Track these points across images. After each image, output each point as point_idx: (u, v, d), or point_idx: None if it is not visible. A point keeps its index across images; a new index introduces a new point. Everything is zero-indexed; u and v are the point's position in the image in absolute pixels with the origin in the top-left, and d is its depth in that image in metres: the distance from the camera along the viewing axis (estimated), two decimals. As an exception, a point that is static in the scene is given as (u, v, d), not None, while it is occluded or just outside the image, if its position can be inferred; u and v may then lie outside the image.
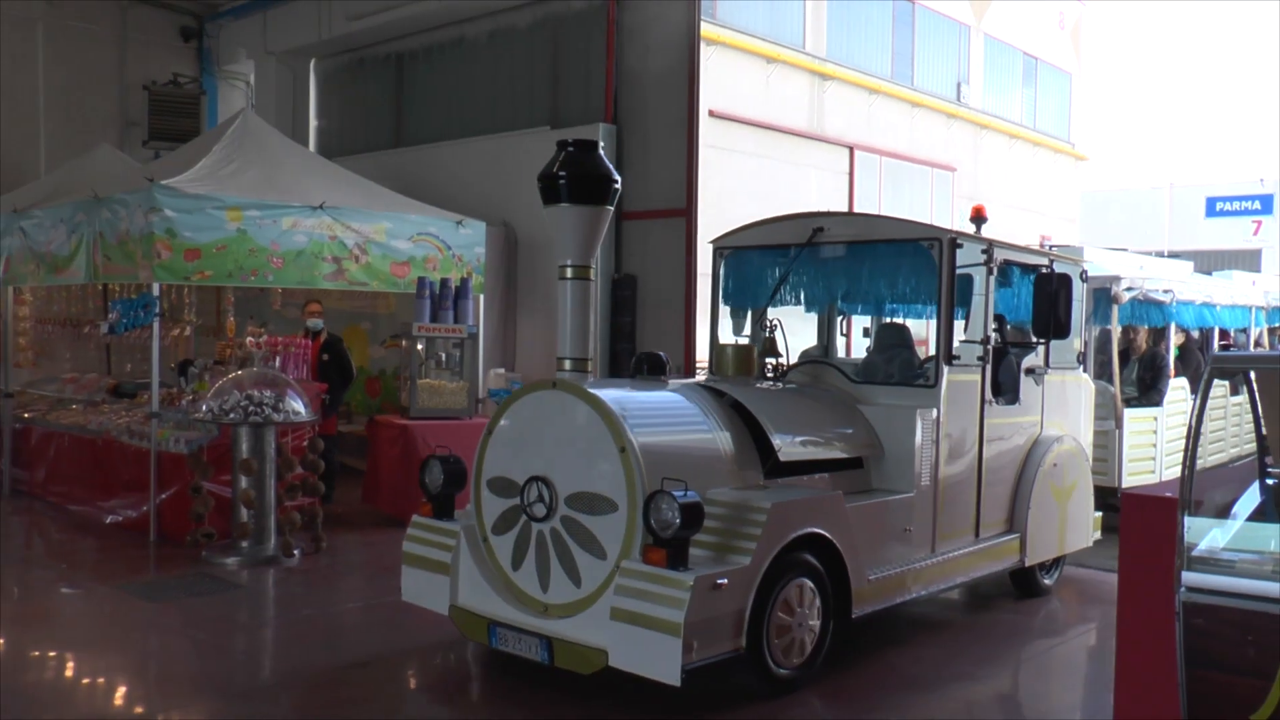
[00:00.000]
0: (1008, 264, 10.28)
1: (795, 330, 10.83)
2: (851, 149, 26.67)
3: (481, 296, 15.09)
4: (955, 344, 9.60)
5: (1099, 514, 11.62)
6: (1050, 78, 34.53)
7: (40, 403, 16.02)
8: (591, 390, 8.02)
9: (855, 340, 11.69)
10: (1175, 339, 16.19)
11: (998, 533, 10.26)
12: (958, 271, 9.54)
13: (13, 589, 10.59)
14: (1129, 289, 13.02)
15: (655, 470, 7.64)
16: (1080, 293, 11.21)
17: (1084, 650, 10.04)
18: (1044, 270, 10.00)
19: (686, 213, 15.86)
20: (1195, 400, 5.47)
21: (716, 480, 8.21)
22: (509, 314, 17.80)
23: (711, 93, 20.48)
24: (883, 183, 26.91)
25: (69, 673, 8.47)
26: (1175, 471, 13.76)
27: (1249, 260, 40.54)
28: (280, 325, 15.79)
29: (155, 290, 12.77)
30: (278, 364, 13.32)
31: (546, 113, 18.10)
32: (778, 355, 10.01)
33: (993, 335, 9.92)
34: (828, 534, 8.13)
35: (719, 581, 7.31)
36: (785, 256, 10.24)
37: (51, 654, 8.77)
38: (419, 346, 13.92)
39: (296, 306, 15.33)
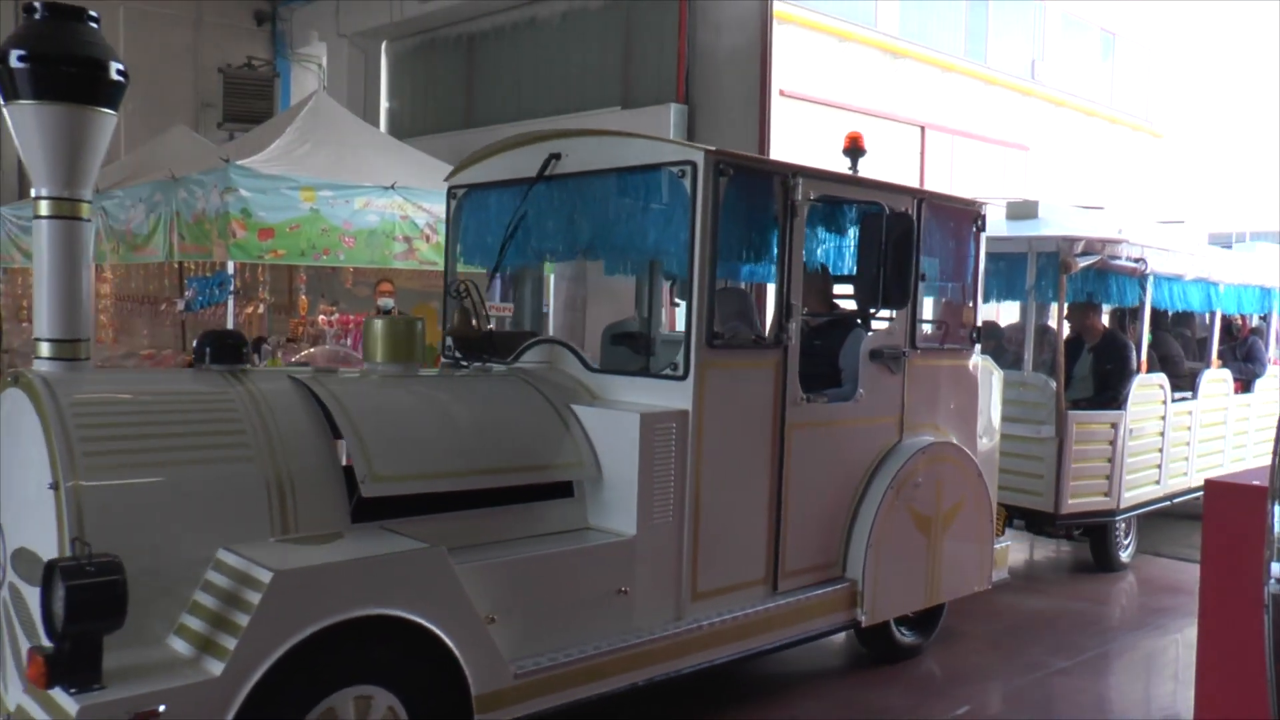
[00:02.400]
0: (831, 203, 5.84)
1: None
2: (923, 128, 21.91)
3: (552, 276, 12.67)
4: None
5: (1006, 544, 7.03)
6: (1128, 53, 28.83)
7: (120, 378, 13.59)
8: (45, 390, 4.32)
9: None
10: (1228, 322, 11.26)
11: (814, 581, 6.06)
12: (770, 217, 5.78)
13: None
14: (1084, 255, 8.24)
15: (108, 519, 4.05)
16: (975, 249, 6.67)
17: (1164, 642, 7.84)
18: (872, 211, 5.54)
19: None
20: None
21: (252, 529, 4.42)
22: (579, 294, 14.79)
23: (782, 71, 16.56)
24: (955, 162, 22.00)
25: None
26: (1142, 494, 9.21)
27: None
28: (352, 304, 13.89)
29: (230, 268, 11.15)
30: (349, 342, 11.78)
31: (618, 93, 15.62)
32: (470, 331, 5.75)
33: (798, 306, 5.53)
34: (412, 615, 4.28)
35: (153, 709, 3.61)
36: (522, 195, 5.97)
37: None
38: (489, 326, 10.90)
39: (368, 285, 13.47)
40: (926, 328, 6.81)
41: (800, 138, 18.58)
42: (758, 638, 5.73)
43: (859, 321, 6.65)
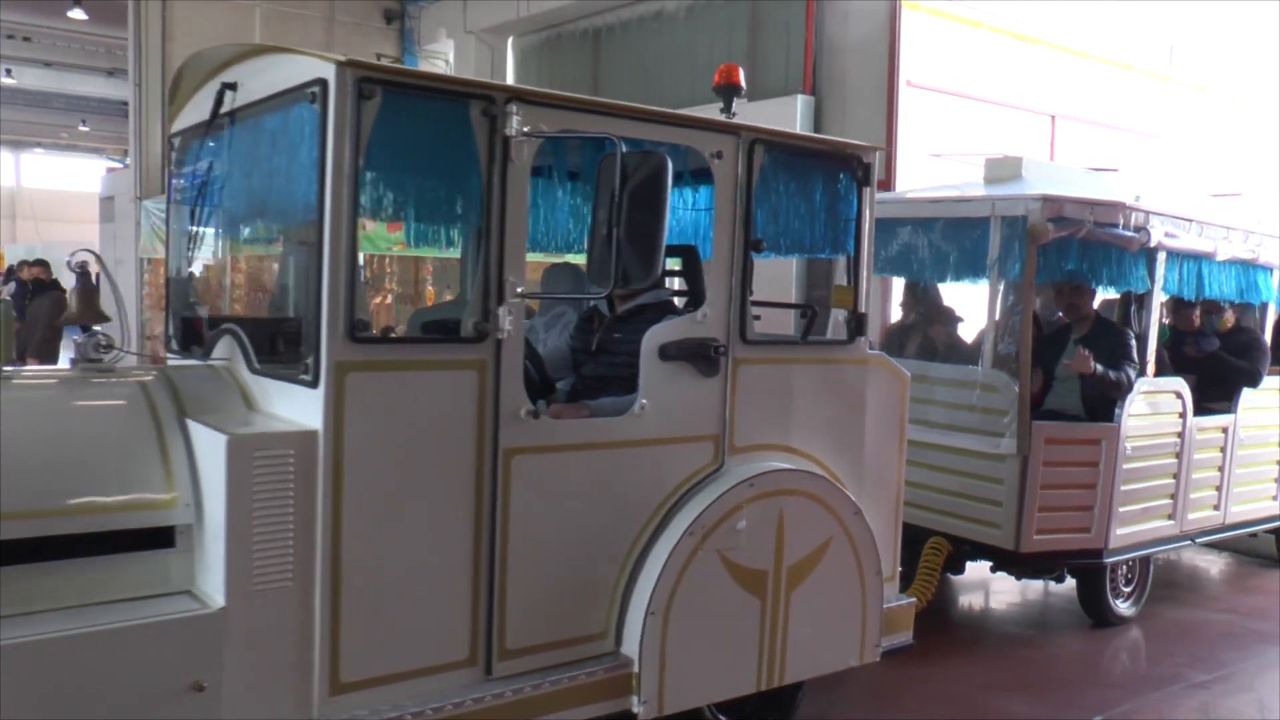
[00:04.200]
0: (576, 140, 3.81)
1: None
2: (1053, 118, 18.91)
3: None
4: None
5: (907, 601, 4.77)
6: (1272, 36, 24.59)
7: (254, 364, 13.09)
8: None
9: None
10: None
11: (563, 661, 3.88)
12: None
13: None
14: (1062, 220, 5.73)
15: None
16: (858, 208, 4.41)
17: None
18: (607, 151, 3.38)
19: (886, 185, 11.57)
20: None
21: None
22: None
23: (910, 61, 14.64)
24: (1087, 152, 18.90)
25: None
26: (1146, 531, 6.51)
27: None
28: (478, 293, 12.52)
29: (359, 259, 8.99)
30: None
31: (744, 84, 12.90)
32: (94, 317, 3.85)
33: (514, 283, 3.42)
34: None
35: None
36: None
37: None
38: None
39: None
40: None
41: (929, 129, 16.19)
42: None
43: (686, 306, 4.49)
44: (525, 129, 3.64)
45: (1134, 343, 6.23)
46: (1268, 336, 7.36)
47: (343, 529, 3.44)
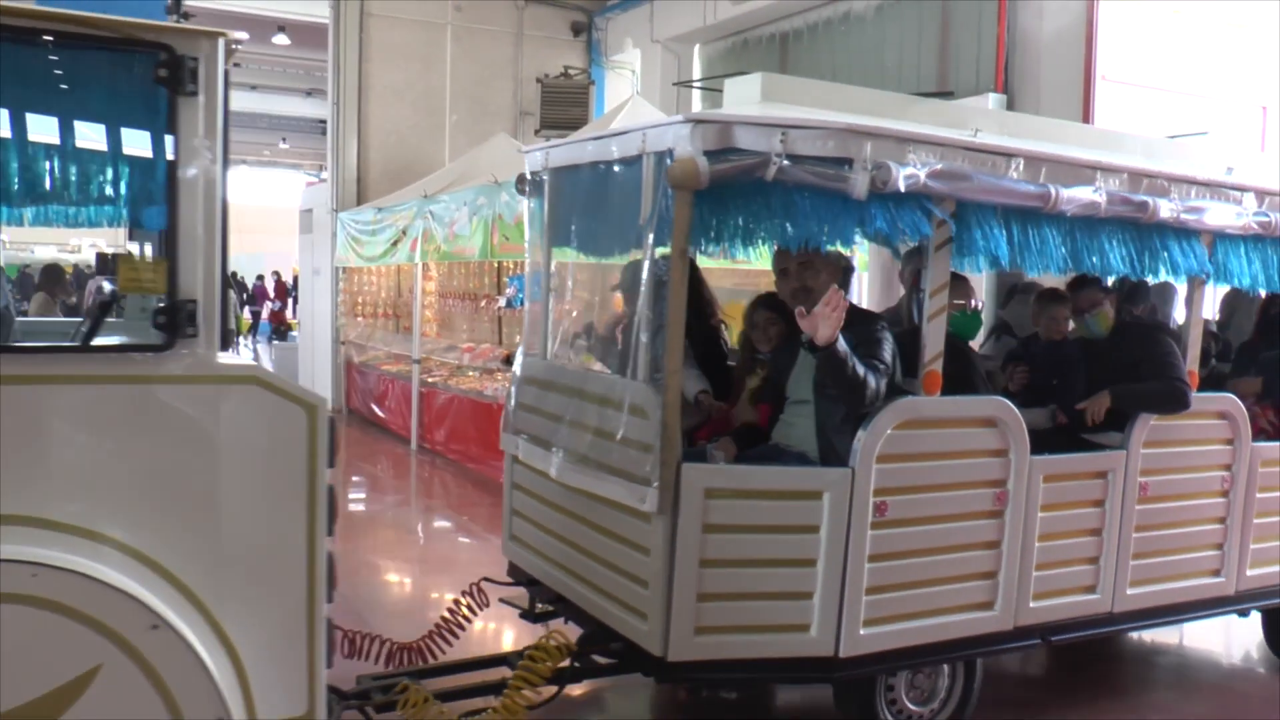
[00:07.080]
0: None
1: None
2: (1264, 109, 15.03)
3: (865, 274, 10.40)
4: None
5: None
6: None
7: (442, 369, 13.26)
8: None
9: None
10: None
11: None
12: None
13: (419, 535, 8.81)
14: (733, 154, 3.18)
15: None
16: (168, 134, 2.43)
17: None
18: None
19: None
20: None
21: None
22: (892, 291, 12.08)
23: (1107, 55, 12.59)
24: (1299, 146, 14.98)
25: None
26: (928, 628, 3.69)
27: None
28: (669, 300, 11.66)
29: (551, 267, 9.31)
30: (670, 337, 9.42)
31: (934, 84, 12.71)
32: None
33: None
34: None
35: None
36: None
37: (448, 595, 6.23)
38: None
39: (685, 284, 11.06)
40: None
41: (1128, 127, 13.31)
42: None
43: None
44: None
45: (889, 339, 3.65)
46: (1192, 331, 4.22)
47: None
